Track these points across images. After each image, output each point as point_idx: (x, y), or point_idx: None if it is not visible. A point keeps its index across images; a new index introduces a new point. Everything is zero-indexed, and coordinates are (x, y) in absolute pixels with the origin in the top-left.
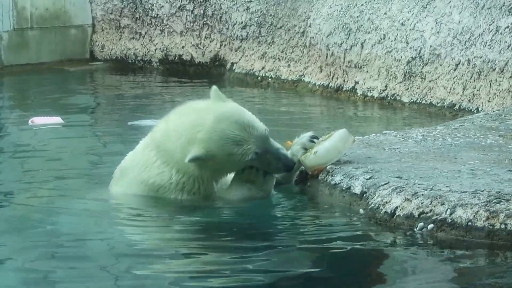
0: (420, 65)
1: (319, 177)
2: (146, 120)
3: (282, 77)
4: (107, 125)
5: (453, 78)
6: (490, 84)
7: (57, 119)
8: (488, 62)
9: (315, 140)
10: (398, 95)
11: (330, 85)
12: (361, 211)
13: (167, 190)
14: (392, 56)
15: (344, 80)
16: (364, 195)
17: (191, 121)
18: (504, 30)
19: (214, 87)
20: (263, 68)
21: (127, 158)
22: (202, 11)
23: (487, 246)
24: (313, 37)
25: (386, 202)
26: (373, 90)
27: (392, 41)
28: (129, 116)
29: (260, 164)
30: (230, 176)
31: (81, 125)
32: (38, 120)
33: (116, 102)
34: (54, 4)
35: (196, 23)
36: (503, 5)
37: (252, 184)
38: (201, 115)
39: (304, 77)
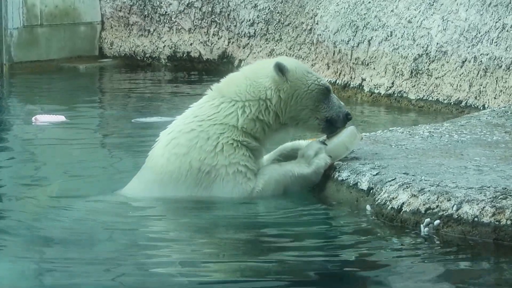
0: (426, 62)
1: (326, 173)
2: (152, 117)
3: None
4: (115, 123)
5: (460, 75)
6: (497, 81)
7: (60, 118)
8: (494, 59)
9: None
10: (404, 92)
11: (337, 82)
12: (368, 207)
13: (231, 133)
14: (399, 53)
15: (351, 77)
16: (371, 191)
17: (257, 64)
18: (511, 28)
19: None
20: None
21: (175, 122)
22: (210, 9)
23: (493, 242)
24: (320, 35)
25: (393, 198)
26: (380, 87)
27: (399, 38)
28: (137, 113)
29: (327, 103)
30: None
31: (88, 122)
32: (42, 118)
33: (124, 99)
34: (63, 1)
35: (204, 20)
36: (510, 3)
37: (301, 164)
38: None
39: None
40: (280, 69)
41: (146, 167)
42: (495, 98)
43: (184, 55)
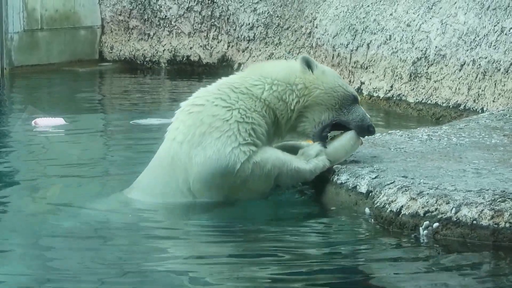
0: (425, 65)
1: (325, 176)
2: (150, 119)
3: None
4: (115, 126)
5: (458, 79)
6: (495, 84)
7: (60, 120)
8: (493, 63)
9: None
10: (403, 95)
11: None
12: (367, 209)
13: (252, 102)
14: (397, 56)
15: (350, 81)
16: (370, 194)
17: (285, 61)
18: (509, 31)
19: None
20: None
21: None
22: (209, 13)
23: (492, 245)
24: (319, 38)
25: (392, 201)
26: (379, 91)
27: (397, 42)
28: (138, 117)
29: (353, 113)
30: None
31: (88, 126)
32: (42, 122)
33: (124, 102)
34: (64, 5)
35: (203, 24)
36: (508, 6)
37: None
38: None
39: None
40: (306, 62)
41: None
42: (493, 101)
43: (184, 59)
